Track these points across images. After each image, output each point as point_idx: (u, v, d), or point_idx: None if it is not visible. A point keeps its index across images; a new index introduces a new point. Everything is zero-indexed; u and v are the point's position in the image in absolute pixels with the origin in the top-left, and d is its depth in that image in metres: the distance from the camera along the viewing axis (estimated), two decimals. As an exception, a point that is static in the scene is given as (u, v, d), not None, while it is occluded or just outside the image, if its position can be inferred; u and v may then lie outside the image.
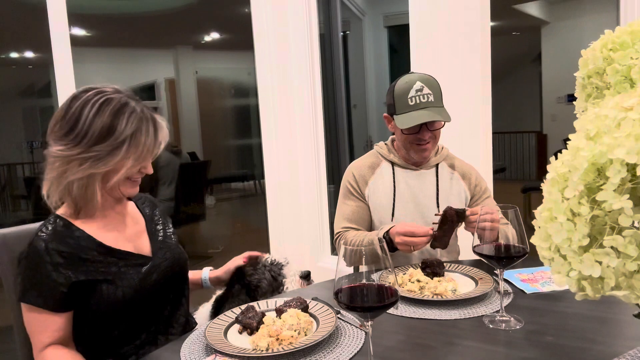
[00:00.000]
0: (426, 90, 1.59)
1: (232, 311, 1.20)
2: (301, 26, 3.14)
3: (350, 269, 1.73)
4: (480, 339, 1.05)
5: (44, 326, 1.13)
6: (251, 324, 1.10)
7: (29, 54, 6.81)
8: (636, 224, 0.52)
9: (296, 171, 3.31)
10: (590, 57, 0.70)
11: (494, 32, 2.44)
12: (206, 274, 1.51)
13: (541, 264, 1.24)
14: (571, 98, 6.86)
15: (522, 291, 1.29)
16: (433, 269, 1.36)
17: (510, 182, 7.05)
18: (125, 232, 1.27)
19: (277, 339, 1.03)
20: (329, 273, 1.10)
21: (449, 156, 1.79)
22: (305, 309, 1.16)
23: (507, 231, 1.10)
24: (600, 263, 0.53)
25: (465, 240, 1.49)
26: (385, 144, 1.80)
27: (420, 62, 2.55)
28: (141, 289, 1.20)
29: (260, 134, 3.32)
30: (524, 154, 8.35)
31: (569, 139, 0.58)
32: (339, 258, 0.92)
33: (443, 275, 1.36)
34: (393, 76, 5.45)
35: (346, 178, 1.77)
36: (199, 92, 8.11)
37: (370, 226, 1.74)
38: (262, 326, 1.08)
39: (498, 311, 1.15)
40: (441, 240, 1.44)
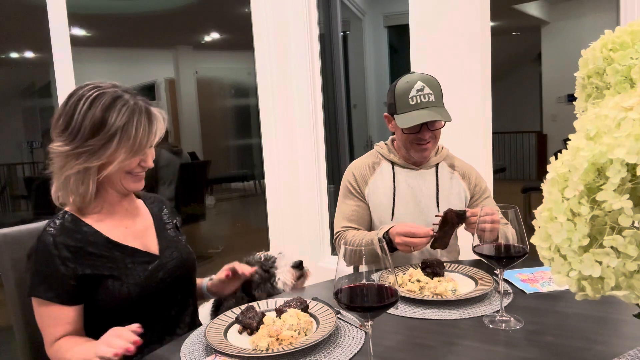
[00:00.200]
0: (427, 90, 1.59)
1: (232, 311, 1.20)
2: (301, 26, 3.14)
3: (350, 269, 1.73)
4: (480, 339, 1.05)
5: (55, 320, 1.13)
6: (251, 324, 1.10)
7: (29, 54, 6.81)
8: (636, 224, 0.52)
9: (296, 171, 3.31)
10: (590, 57, 0.70)
11: (494, 32, 2.44)
12: (205, 282, 1.45)
13: (541, 264, 1.24)
14: (571, 98, 6.85)
15: (522, 291, 1.29)
16: (433, 269, 1.36)
17: (510, 182, 7.04)
18: (133, 229, 1.27)
19: (277, 339, 1.03)
20: (329, 273, 1.10)
21: (449, 156, 1.79)
22: (305, 309, 1.16)
23: (507, 231, 1.10)
24: (600, 263, 0.53)
25: (465, 240, 1.50)
26: (386, 143, 1.80)
27: (420, 62, 2.55)
28: (147, 287, 1.20)
29: (260, 134, 3.32)
30: (524, 154, 8.35)
31: (569, 139, 0.58)
32: (339, 258, 0.92)
33: (443, 275, 1.36)
34: (393, 76, 5.45)
35: (346, 178, 1.77)
36: (199, 92, 8.11)
37: (370, 226, 1.74)
38: (262, 326, 1.08)
39: (498, 311, 1.15)
40: (441, 241, 1.44)
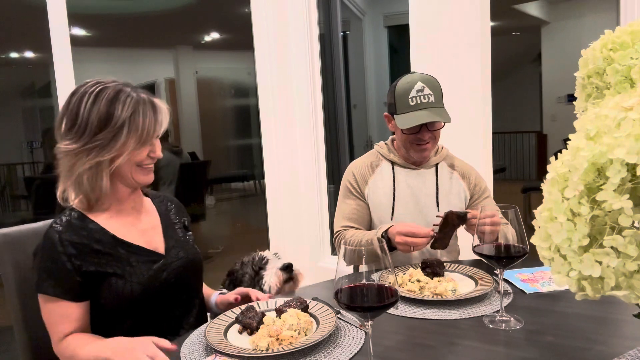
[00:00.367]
0: (427, 91, 1.59)
1: (232, 311, 1.20)
2: (301, 26, 3.14)
3: (350, 269, 1.73)
4: (480, 339, 1.05)
5: (62, 316, 1.13)
6: (251, 324, 1.10)
7: (29, 54, 6.81)
8: (636, 224, 0.52)
9: (296, 171, 3.31)
10: (590, 57, 0.70)
11: (494, 32, 2.44)
12: (215, 296, 1.42)
13: (541, 264, 1.24)
14: (571, 98, 6.85)
15: (522, 291, 1.29)
16: (433, 269, 1.36)
17: (510, 182, 7.04)
18: (139, 227, 1.27)
19: (277, 339, 1.03)
20: (329, 273, 1.10)
21: (448, 156, 1.79)
22: (305, 309, 1.16)
23: (507, 231, 1.10)
24: (600, 263, 0.53)
25: (465, 240, 1.49)
26: (385, 143, 1.80)
27: (420, 62, 2.55)
28: (150, 286, 1.19)
29: (260, 134, 3.32)
30: (524, 154, 8.35)
31: (569, 139, 0.58)
32: (339, 258, 0.92)
33: (443, 275, 1.36)
34: (393, 76, 5.45)
35: (346, 177, 1.77)
36: (199, 92, 8.11)
37: (370, 225, 1.74)
38: (262, 326, 1.08)
39: (498, 311, 1.15)
40: (441, 241, 1.44)
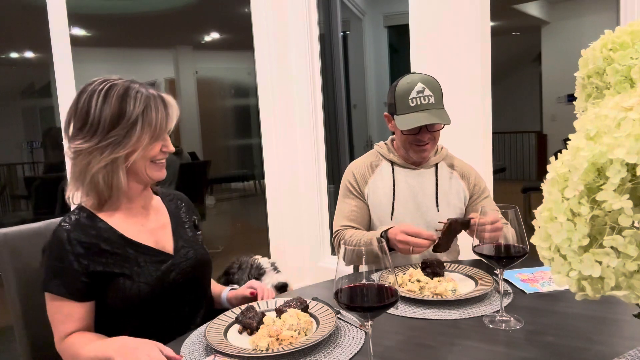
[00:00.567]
0: (427, 92, 1.59)
1: (232, 311, 1.20)
2: (301, 26, 3.14)
3: (350, 269, 1.73)
4: (480, 339, 1.05)
5: (67, 316, 1.13)
6: (251, 324, 1.10)
7: (29, 54, 6.80)
8: (636, 224, 0.52)
9: (296, 171, 3.31)
10: (590, 57, 0.70)
11: (494, 32, 2.44)
12: (226, 292, 1.42)
13: (541, 264, 1.24)
14: (571, 98, 6.85)
15: (522, 291, 1.29)
16: (433, 269, 1.36)
17: (510, 182, 7.05)
18: (148, 226, 1.27)
19: (277, 339, 1.03)
20: (329, 273, 1.10)
21: (448, 156, 1.79)
22: (305, 309, 1.16)
23: (507, 231, 1.10)
24: (600, 263, 0.53)
25: (465, 240, 1.49)
26: (385, 143, 1.80)
27: (420, 62, 2.55)
28: (158, 287, 1.19)
29: (260, 134, 3.32)
30: (524, 154, 8.35)
31: (569, 139, 0.58)
32: (339, 258, 0.92)
33: (443, 275, 1.36)
34: (393, 76, 5.45)
35: (346, 177, 1.77)
36: (199, 92, 8.10)
37: (369, 225, 1.74)
38: (262, 326, 1.08)
39: (498, 311, 1.15)
40: (444, 246, 1.45)
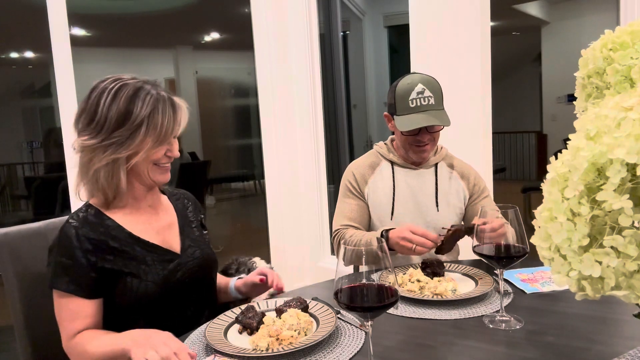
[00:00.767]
0: (427, 93, 1.59)
1: (232, 311, 1.20)
2: (301, 26, 3.14)
3: (350, 269, 1.73)
4: (480, 339, 1.05)
5: (75, 313, 1.13)
6: (251, 324, 1.10)
7: (29, 54, 6.80)
8: (636, 224, 0.52)
9: (296, 171, 3.31)
10: (590, 57, 0.70)
11: (494, 32, 2.45)
12: (233, 281, 1.41)
13: (541, 264, 1.24)
14: (571, 98, 6.85)
15: (522, 291, 1.29)
16: (433, 269, 1.36)
17: (510, 182, 7.05)
18: (155, 225, 1.27)
19: (277, 339, 1.03)
20: (329, 273, 1.10)
21: (448, 156, 1.79)
22: (305, 309, 1.16)
23: (507, 231, 1.10)
24: (600, 263, 0.53)
25: (465, 240, 1.50)
26: (385, 143, 1.80)
27: (420, 62, 2.55)
28: (164, 286, 1.19)
29: (260, 134, 3.32)
30: (524, 154, 8.35)
31: (569, 139, 0.58)
32: (338, 258, 0.92)
33: (443, 275, 1.36)
34: (393, 76, 5.45)
35: (346, 177, 1.77)
36: (199, 92, 8.10)
37: (369, 225, 1.74)
38: (262, 326, 1.08)
39: (498, 311, 1.15)
40: (446, 249, 1.45)
